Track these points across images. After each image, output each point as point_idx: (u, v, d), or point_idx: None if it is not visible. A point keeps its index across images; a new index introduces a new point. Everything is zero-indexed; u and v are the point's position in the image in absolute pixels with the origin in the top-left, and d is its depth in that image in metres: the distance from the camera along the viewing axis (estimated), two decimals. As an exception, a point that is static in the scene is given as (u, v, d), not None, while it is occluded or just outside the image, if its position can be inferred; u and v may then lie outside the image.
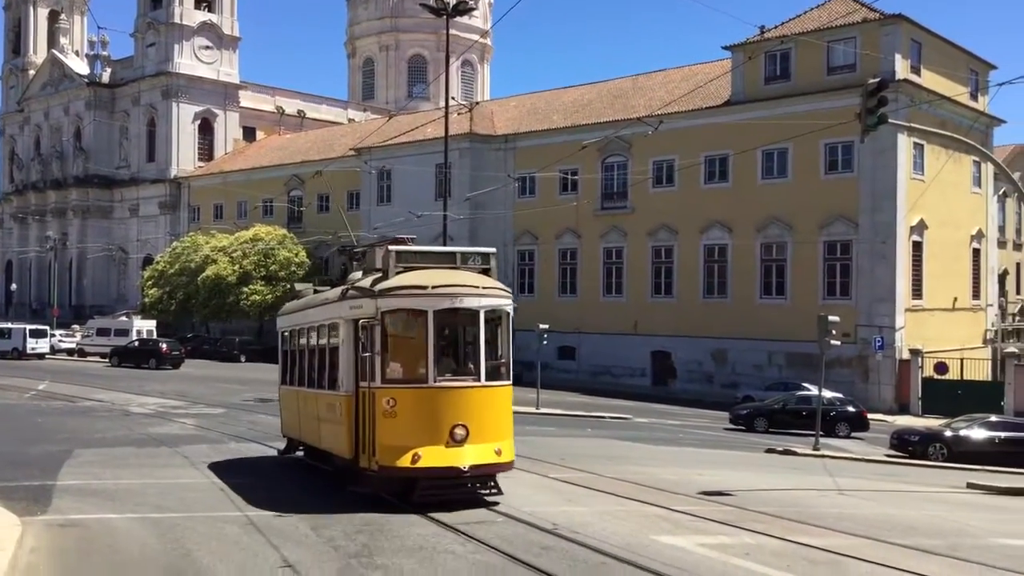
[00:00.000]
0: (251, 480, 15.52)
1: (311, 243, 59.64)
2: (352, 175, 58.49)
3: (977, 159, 44.21)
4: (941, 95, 38.39)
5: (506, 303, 13.66)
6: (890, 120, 18.60)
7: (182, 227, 74.53)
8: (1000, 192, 50.94)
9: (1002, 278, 54.13)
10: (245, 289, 57.85)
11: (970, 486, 19.14)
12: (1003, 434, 25.84)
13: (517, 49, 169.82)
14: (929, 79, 41.70)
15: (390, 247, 13.54)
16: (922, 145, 41.19)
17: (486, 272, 13.94)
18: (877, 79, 18.17)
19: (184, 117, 76.95)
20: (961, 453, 25.19)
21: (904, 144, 40.21)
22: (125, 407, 28.86)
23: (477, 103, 63.67)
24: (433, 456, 12.47)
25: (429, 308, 12.85)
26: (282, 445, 18.36)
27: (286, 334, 18.11)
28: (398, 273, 13.23)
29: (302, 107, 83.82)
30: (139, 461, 17.63)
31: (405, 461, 12.45)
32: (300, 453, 17.48)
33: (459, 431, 12.56)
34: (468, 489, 13.11)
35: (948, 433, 26.32)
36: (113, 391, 34.43)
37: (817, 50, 41.17)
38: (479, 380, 13.01)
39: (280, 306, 21.78)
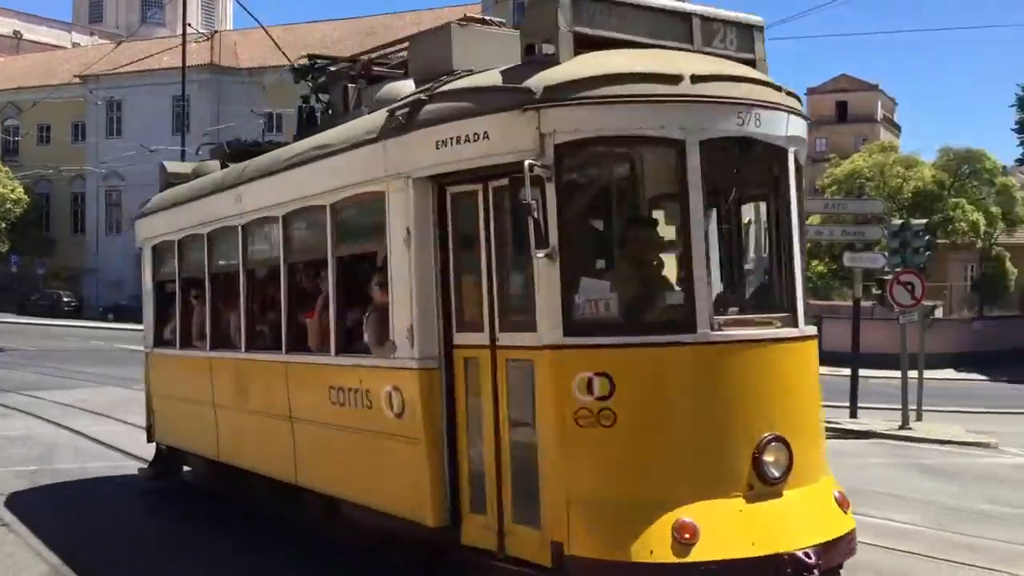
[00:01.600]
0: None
1: (30, 178, 54.70)
2: (77, 105, 54.43)
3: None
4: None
5: (804, 134, 6.15)
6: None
7: None
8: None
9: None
10: (-49, 229, 52.08)
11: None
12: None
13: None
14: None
15: None
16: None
17: (747, 64, 6.01)
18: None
19: None
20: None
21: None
22: None
23: (217, 31, 60.65)
24: (726, 529, 5.02)
25: (685, 134, 5.28)
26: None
27: (166, 248, 10.22)
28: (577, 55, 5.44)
29: (19, 27, 76.04)
30: None
31: (658, 549, 4.87)
32: (186, 469, 10.38)
33: (775, 457, 5.26)
34: None
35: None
36: None
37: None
38: (795, 324, 5.69)
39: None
